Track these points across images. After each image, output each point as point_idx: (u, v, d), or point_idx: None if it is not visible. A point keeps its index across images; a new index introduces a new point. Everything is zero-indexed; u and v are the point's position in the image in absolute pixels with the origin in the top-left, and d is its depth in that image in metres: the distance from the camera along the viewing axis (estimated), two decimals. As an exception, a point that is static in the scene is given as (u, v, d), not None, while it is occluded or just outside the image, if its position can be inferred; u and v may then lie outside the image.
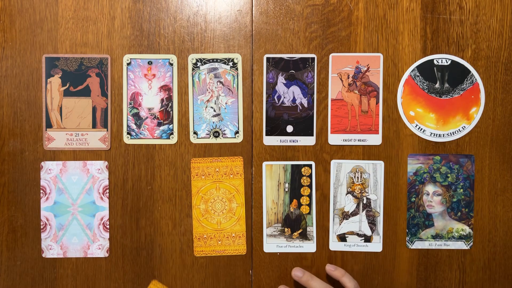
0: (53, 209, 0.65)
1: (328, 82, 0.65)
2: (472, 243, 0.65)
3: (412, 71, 0.65)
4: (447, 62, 0.65)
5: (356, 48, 0.65)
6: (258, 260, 0.65)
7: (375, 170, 0.65)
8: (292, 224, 0.65)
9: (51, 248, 0.65)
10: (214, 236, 0.65)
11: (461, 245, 0.65)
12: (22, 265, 0.65)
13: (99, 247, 0.65)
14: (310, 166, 0.65)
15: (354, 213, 0.65)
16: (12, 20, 0.64)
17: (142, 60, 0.65)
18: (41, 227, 0.65)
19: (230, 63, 0.65)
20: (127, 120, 0.65)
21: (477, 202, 0.65)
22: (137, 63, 0.65)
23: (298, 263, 0.65)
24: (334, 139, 0.65)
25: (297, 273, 0.62)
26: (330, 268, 0.62)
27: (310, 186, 0.65)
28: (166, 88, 0.65)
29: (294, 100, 0.65)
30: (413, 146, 0.65)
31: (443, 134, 0.65)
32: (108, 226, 0.65)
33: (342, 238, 0.65)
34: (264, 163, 0.65)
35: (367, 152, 0.65)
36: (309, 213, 0.65)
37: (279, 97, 0.65)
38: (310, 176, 0.65)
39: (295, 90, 0.65)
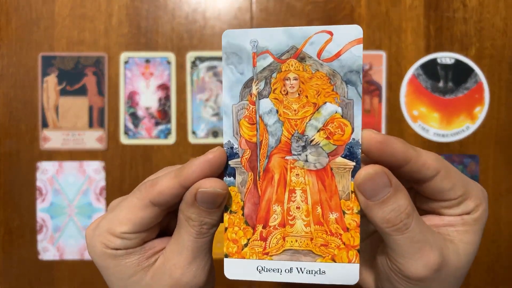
0: (50, 211, 0.64)
1: (329, 81, 0.64)
2: (476, 245, 0.64)
3: (415, 69, 0.64)
4: (450, 61, 0.64)
5: (358, 46, 0.64)
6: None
7: (377, 170, 0.64)
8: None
9: (47, 250, 0.64)
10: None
11: (465, 247, 0.64)
12: (18, 267, 0.64)
13: (96, 249, 0.64)
14: (311, 166, 0.64)
15: (356, 215, 0.64)
16: (8, 18, 0.63)
17: (139, 59, 0.63)
18: (37, 228, 0.63)
19: (230, 62, 0.63)
20: (125, 120, 0.64)
21: (481, 203, 0.64)
22: (135, 61, 0.63)
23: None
24: (336, 139, 0.64)
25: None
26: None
27: (311, 187, 0.64)
28: (164, 87, 0.64)
29: (294, 99, 0.64)
30: (417, 146, 0.64)
31: (447, 134, 0.64)
32: (105, 228, 0.64)
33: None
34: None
35: (369, 152, 0.64)
36: (310, 214, 0.64)
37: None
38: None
39: (296, 89, 0.64)
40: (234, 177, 0.25)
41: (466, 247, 0.25)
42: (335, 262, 0.24)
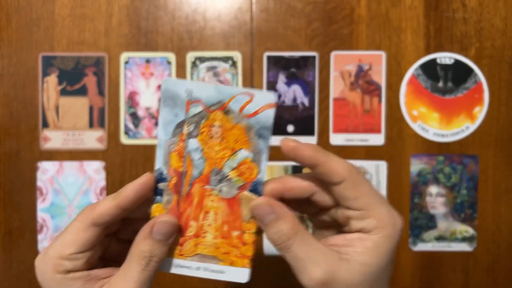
0: (50, 210, 0.64)
1: (329, 81, 0.64)
2: (475, 245, 0.64)
3: (415, 69, 0.64)
4: (450, 61, 0.64)
5: (358, 46, 0.64)
6: (258, 262, 0.64)
7: (377, 170, 0.64)
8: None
9: (47, 250, 0.64)
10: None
11: (464, 247, 0.64)
12: (18, 267, 0.64)
13: (96, 249, 0.64)
14: (311, 166, 0.64)
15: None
16: (9, 18, 0.63)
17: (139, 59, 0.64)
18: (38, 228, 0.63)
19: (230, 62, 0.64)
20: (125, 120, 0.64)
21: (481, 203, 0.64)
22: (135, 61, 0.64)
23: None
24: (336, 139, 0.64)
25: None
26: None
27: (311, 187, 0.64)
28: (164, 87, 0.64)
29: (295, 99, 0.64)
30: (416, 146, 0.64)
31: (447, 134, 0.64)
32: (105, 228, 0.64)
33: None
34: (265, 164, 0.64)
35: (370, 152, 0.64)
36: (310, 214, 0.64)
37: (279, 96, 0.64)
38: (311, 177, 0.64)
39: (296, 89, 0.64)
40: (162, 196, 0.30)
41: (361, 267, 0.28)
42: (232, 266, 0.31)
